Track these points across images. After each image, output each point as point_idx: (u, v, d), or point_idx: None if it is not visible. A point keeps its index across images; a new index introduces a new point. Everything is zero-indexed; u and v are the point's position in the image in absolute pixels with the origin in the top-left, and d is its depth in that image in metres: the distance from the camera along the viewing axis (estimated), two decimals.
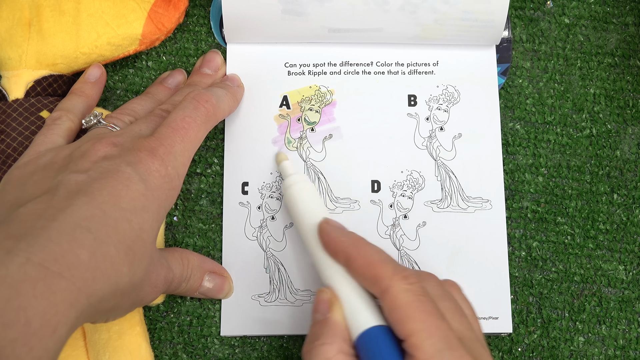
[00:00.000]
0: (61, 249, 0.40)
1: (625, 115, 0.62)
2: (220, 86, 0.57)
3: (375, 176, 0.59)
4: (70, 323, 0.40)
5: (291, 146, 0.60)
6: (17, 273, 0.38)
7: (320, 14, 0.59)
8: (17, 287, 0.37)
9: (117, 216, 0.44)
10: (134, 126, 0.51)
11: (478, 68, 0.61)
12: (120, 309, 0.47)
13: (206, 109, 0.52)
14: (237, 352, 0.57)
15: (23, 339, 0.37)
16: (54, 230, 0.41)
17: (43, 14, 0.58)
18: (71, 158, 0.48)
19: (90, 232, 0.42)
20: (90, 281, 0.41)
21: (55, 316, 0.38)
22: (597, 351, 0.57)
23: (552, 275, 0.58)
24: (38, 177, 0.47)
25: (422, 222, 0.58)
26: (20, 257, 0.39)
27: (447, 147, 0.60)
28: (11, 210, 0.44)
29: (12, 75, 0.58)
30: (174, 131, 0.50)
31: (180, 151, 0.49)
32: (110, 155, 0.47)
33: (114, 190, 0.44)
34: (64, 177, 0.45)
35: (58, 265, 0.39)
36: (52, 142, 0.52)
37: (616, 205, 0.60)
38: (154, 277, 0.48)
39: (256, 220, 0.58)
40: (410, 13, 0.58)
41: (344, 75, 0.61)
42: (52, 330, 0.38)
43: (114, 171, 0.45)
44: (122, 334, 0.54)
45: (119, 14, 0.59)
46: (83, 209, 0.43)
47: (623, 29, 0.64)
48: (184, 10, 0.62)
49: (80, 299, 0.40)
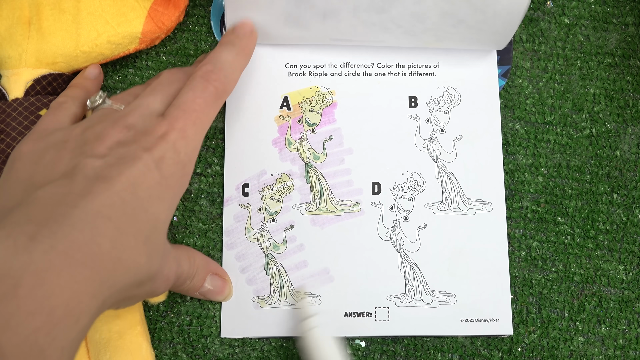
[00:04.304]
0: (84, 238, 0.40)
1: (625, 115, 0.62)
2: (228, 47, 0.55)
3: (376, 178, 0.59)
4: (92, 313, 0.40)
5: (292, 147, 0.60)
6: (41, 261, 0.37)
7: (322, 30, 0.59)
8: (41, 276, 0.37)
9: (135, 205, 0.43)
10: (143, 100, 0.50)
11: (479, 70, 0.61)
12: (133, 299, 0.47)
13: (215, 87, 0.51)
14: (237, 352, 0.57)
15: (47, 329, 0.37)
16: (75, 218, 0.40)
17: (43, 13, 0.58)
18: (85, 140, 0.47)
19: (111, 221, 0.41)
20: (111, 271, 0.41)
21: (79, 306, 0.38)
22: (597, 351, 0.57)
23: (552, 275, 0.58)
24: (51, 157, 0.46)
25: (423, 224, 0.58)
26: (44, 244, 0.38)
27: (447, 149, 0.60)
28: (27, 190, 0.44)
29: (11, 74, 0.58)
30: (185, 114, 0.49)
31: (192, 135, 0.49)
32: (125, 140, 0.46)
33: (132, 178, 0.44)
34: (80, 161, 0.44)
35: (81, 254, 0.39)
36: (59, 122, 0.52)
37: (616, 205, 0.60)
38: (166, 270, 0.48)
39: (257, 222, 0.58)
40: (411, 35, 0.59)
41: (344, 76, 0.61)
42: (75, 320, 0.38)
43: (131, 158, 0.45)
44: (123, 333, 0.54)
45: (118, 12, 0.58)
46: (103, 196, 0.42)
47: (623, 29, 0.64)
48: (184, 8, 0.61)
49: (103, 289, 0.40)
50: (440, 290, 0.57)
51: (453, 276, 0.57)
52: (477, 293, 0.57)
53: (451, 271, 0.57)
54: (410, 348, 0.57)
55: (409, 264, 0.57)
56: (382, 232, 0.58)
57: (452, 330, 0.57)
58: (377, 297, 0.57)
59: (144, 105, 0.50)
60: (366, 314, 0.57)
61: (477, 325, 0.56)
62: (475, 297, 0.57)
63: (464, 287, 0.57)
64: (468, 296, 0.57)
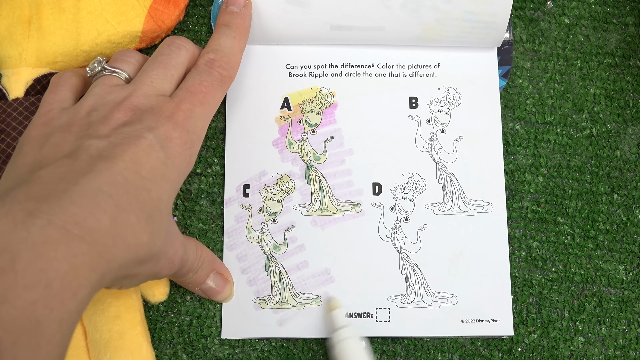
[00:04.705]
0: (83, 213, 0.40)
1: (625, 115, 0.62)
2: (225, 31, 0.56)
3: (377, 179, 0.59)
4: (91, 286, 0.40)
5: (292, 148, 0.60)
6: (38, 235, 0.38)
7: (323, 7, 0.59)
8: (38, 249, 0.37)
9: (137, 184, 0.44)
10: (146, 77, 0.50)
11: (479, 70, 0.61)
12: (136, 277, 0.47)
13: (220, 73, 0.52)
14: (237, 352, 0.57)
15: (44, 301, 0.37)
16: (75, 194, 0.40)
17: (43, 12, 0.58)
18: (90, 122, 0.47)
19: (112, 198, 0.42)
20: (110, 247, 0.41)
21: (76, 279, 0.38)
22: (597, 351, 0.57)
23: (552, 276, 0.59)
24: (56, 140, 0.46)
25: (423, 224, 0.58)
26: (41, 219, 0.38)
27: (448, 149, 0.60)
28: (31, 171, 0.44)
29: (12, 74, 0.58)
30: (192, 95, 0.50)
31: (199, 114, 0.49)
32: (130, 121, 0.47)
33: (135, 157, 0.44)
34: (84, 142, 0.45)
35: (79, 229, 0.39)
36: (62, 100, 0.51)
37: (616, 206, 0.60)
38: (171, 252, 0.48)
39: (257, 223, 0.58)
40: (412, 11, 0.58)
41: (345, 77, 0.61)
42: (73, 292, 0.38)
43: (135, 137, 0.45)
44: (123, 334, 0.54)
45: (119, 11, 0.58)
46: (105, 174, 0.42)
47: (623, 29, 0.64)
48: (184, 7, 0.61)
49: (101, 264, 0.40)
50: (441, 290, 0.57)
51: (454, 277, 0.57)
52: (478, 294, 0.57)
53: (452, 272, 0.57)
54: (410, 348, 0.57)
55: (410, 264, 0.57)
56: (382, 233, 0.58)
57: (453, 330, 0.57)
58: (378, 298, 0.57)
59: (148, 83, 0.50)
60: (367, 314, 0.57)
61: (478, 325, 0.56)
62: (476, 297, 0.57)
63: (464, 288, 0.57)
64: (469, 297, 0.57)
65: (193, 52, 0.54)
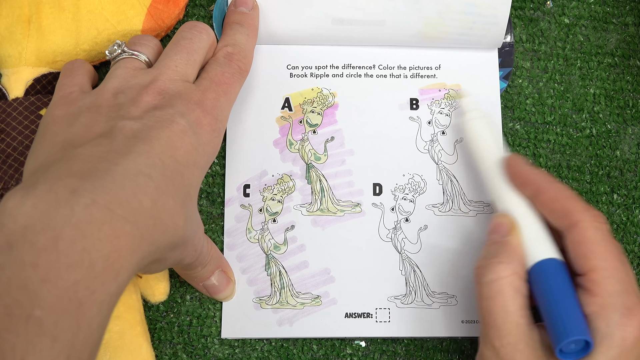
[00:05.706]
0: (125, 194, 0.40)
1: (625, 115, 0.62)
2: (239, 28, 0.56)
3: (377, 179, 0.59)
4: (132, 268, 0.40)
5: (293, 148, 0.60)
6: (82, 214, 0.37)
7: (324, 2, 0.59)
8: (82, 229, 0.37)
9: (173, 168, 0.44)
10: (169, 61, 0.51)
11: (480, 72, 0.61)
12: (164, 262, 0.47)
13: (238, 66, 0.53)
14: (237, 352, 0.57)
15: (86, 282, 0.37)
16: (117, 174, 0.40)
17: (42, 11, 0.58)
18: (119, 104, 0.47)
19: (152, 180, 0.42)
20: (151, 228, 0.41)
21: (118, 260, 0.38)
22: None
23: None
24: (86, 120, 0.46)
25: (424, 225, 0.58)
26: (85, 197, 0.38)
27: (448, 151, 0.60)
28: (65, 149, 0.43)
29: (12, 73, 0.58)
30: (217, 85, 0.50)
31: (224, 104, 0.50)
32: (161, 105, 0.47)
33: (170, 142, 0.44)
34: (118, 123, 0.45)
35: (123, 209, 0.39)
36: (81, 84, 0.51)
37: (616, 205, 0.60)
38: (197, 240, 0.49)
39: (257, 223, 0.58)
40: (414, 2, 0.58)
41: (346, 77, 0.61)
42: (114, 274, 0.38)
43: (169, 121, 0.45)
44: (123, 334, 0.54)
45: (118, 10, 0.58)
46: (144, 156, 0.42)
47: (623, 29, 0.64)
48: (183, 6, 0.61)
49: (142, 246, 0.40)
50: (441, 291, 0.57)
51: (454, 278, 0.57)
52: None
53: (452, 273, 0.57)
54: (410, 348, 0.57)
55: (410, 265, 0.57)
56: (383, 233, 0.58)
57: (453, 331, 0.57)
58: (378, 298, 0.57)
59: (172, 68, 0.50)
60: (367, 314, 0.57)
61: (478, 326, 0.56)
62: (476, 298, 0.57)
63: (464, 289, 0.57)
64: (469, 297, 0.57)
65: (213, 39, 0.54)
